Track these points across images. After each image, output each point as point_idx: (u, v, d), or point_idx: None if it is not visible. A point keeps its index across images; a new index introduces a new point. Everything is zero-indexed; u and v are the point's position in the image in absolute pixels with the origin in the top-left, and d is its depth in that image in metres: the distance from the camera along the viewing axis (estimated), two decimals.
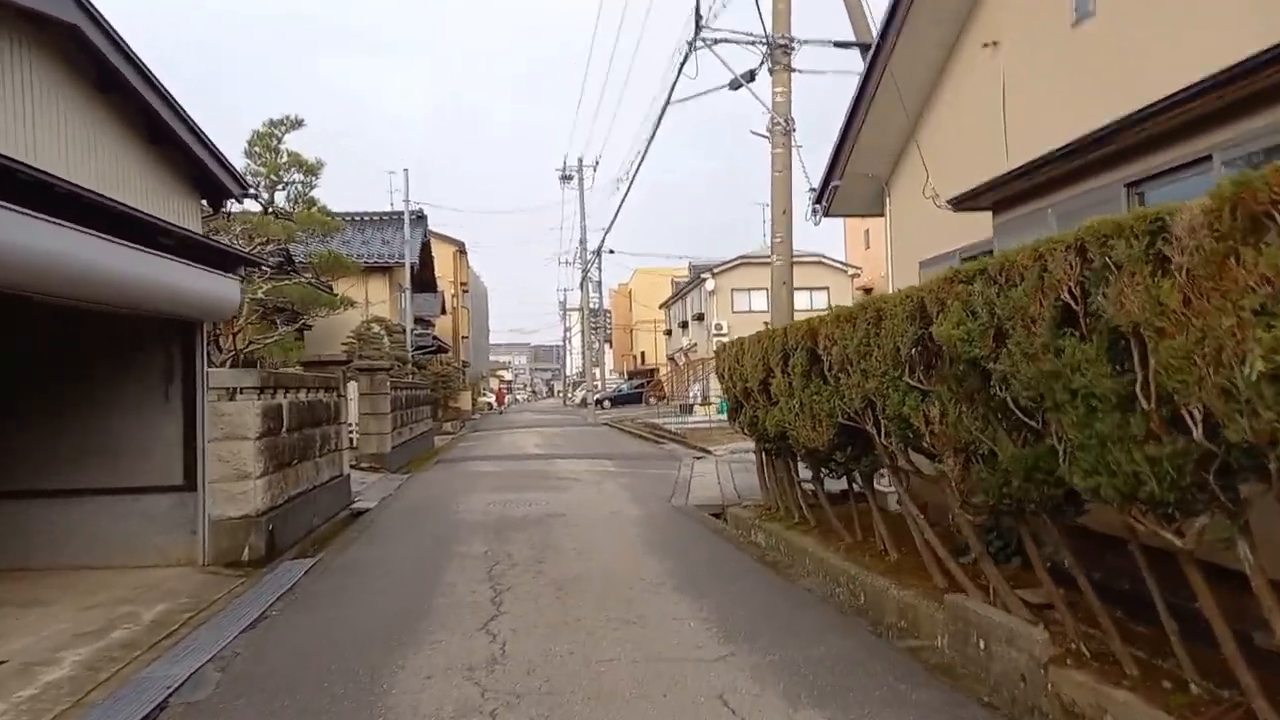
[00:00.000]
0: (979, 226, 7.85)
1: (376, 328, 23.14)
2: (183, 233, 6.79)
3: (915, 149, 9.42)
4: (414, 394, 20.90)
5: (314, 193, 11.89)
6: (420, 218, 28.74)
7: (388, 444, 16.23)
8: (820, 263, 43.40)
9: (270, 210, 11.74)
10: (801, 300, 43.35)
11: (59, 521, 7.53)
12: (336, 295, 12.41)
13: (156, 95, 8.09)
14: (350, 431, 17.77)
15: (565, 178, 40.90)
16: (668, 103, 14.77)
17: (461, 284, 49.39)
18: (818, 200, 10.69)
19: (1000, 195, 7.13)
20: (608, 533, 9.29)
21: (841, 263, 44.47)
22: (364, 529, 10.06)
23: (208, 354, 8.08)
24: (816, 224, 11.01)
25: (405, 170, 24.67)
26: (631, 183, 23.43)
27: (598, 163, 47.93)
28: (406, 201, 24.47)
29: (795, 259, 41.92)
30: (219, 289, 7.63)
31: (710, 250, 59.29)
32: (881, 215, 10.50)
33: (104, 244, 5.84)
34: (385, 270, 26.18)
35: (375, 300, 25.61)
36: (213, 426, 7.84)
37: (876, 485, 8.87)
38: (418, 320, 33.69)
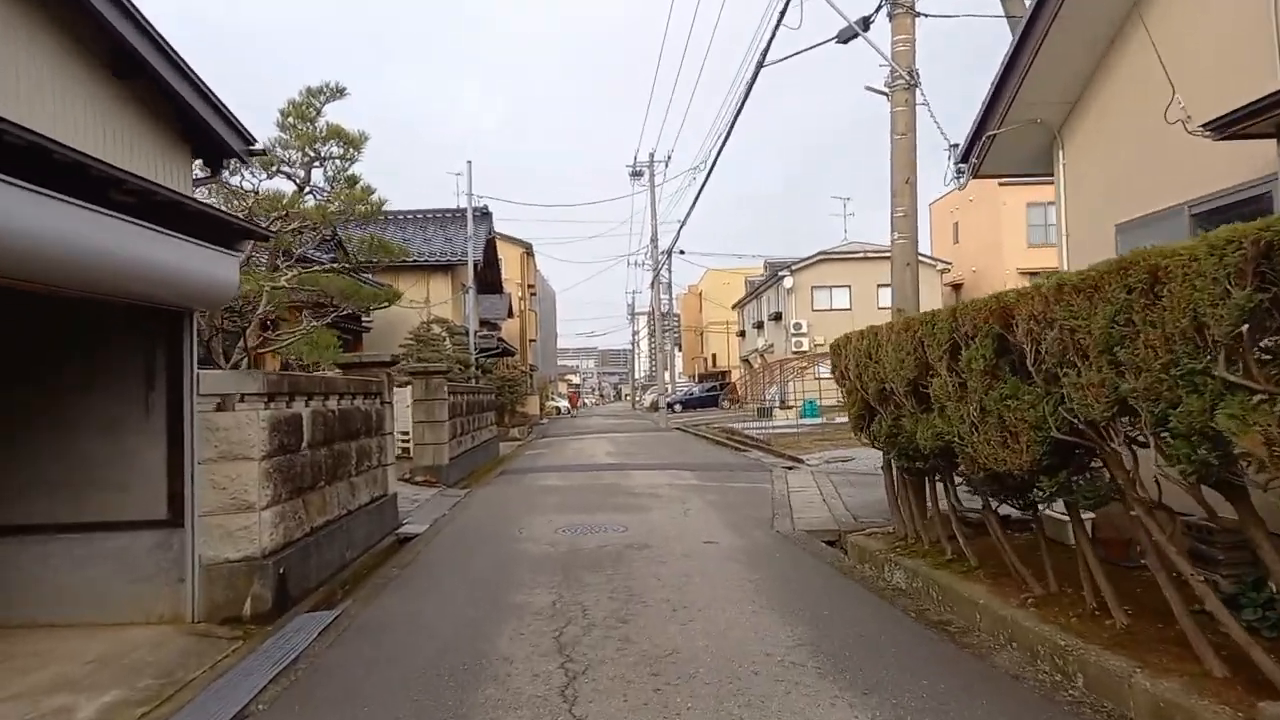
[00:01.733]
0: (1222, 167, 5.71)
1: (437, 329, 21.60)
2: (149, 188, 5.05)
3: (1106, 83, 7.24)
4: (476, 399, 19.24)
5: (356, 169, 10.16)
6: (485, 214, 27.20)
7: (445, 455, 14.54)
8: None
9: (304, 189, 10.09)
10: (885, 297, 40.91)
11: (6, 567, 5.86)
12: (383, 288, 10.71)
13: (117, 9, 6.36)
14: (404, 442, 16.18)
15: (635, 174, 39.03)
16: (761, 63, 12.70)
17: (529, 286, 48.02)
18: (963, 159, 8.56)
19: None
20: (706, 575, 7.31)
21: (929, 257, 41.67)
22: (405, 564, 8.26)
23: (202, 352, 6.34)
24: (961, 187, 8.89)
25: (469, 163, 23.19)
26: (713, 166, 21.75)
27: (669, 158, 46.03)
28: (470, 195, 22.90)
29: (875, 253, 39.45)
30: (211, 268, 5.90)
31: (783, 250, 56.99)
32: (1046, 176, 8.31)
33: (35, 197, 4.12)
34: (447, 269, 24.65)
35: (437, 301, 24.11)
36: (205, 444, 6.10)
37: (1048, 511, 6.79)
38: (484, 323, 32.26)
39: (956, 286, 43.67)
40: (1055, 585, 5.92)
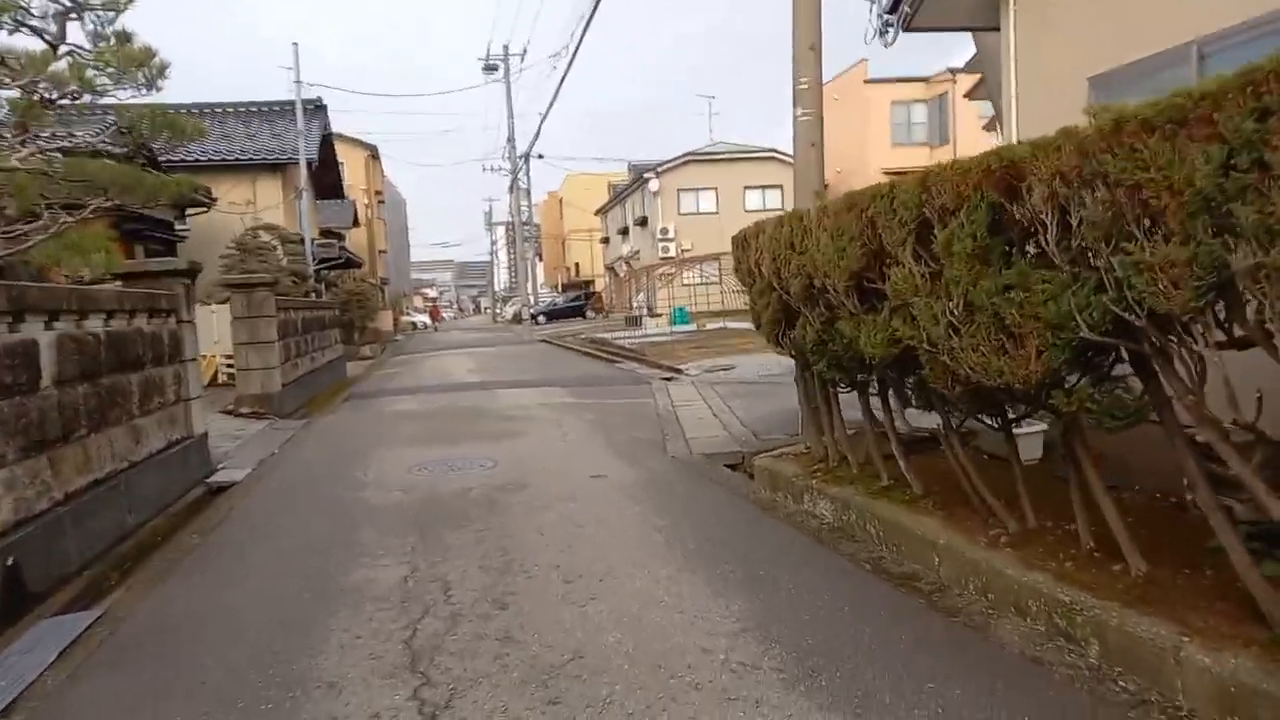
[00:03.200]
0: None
1: (266, 236, 18.95)
2: None
3: None
4: (316, 315, 16.96)
5: (130, 23, 7.77)
6: (319, 108, 24.09)
7: (276, 381, 12.44)
8: (773, 158, 39.79)
9: (56, 47, 7.64)
10: (752, 200, 40.06)
11: None
12: (171, 178, 8.46)
13: None
14: (229, 368, 13.92)
15: (489, 68, 35.99)
16: None
17: (376, 193, 44.56)
18: (891, 8, 7.12)
19: None
20: (602, 522, 5.86)
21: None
22: (211, 528, 6.43)
23: None
24: (889, 43, 7.46)
25: (295, 45, 20.07)
26: (576, 50, 19.55)
27: (525, 50, 42.51)
28: (298, 83, 19.92)
29: (742, 154, 38.27)
30: None
31: (647, 155, 55.10)
32: (992, 27, 6.97)
33: None
34: (276, 169, 21.66)
35: (266, 206, 21.24)
36: None
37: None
38: (327, 233, 29.30)
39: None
40: (1034, 519, 4.80)
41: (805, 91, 9.11)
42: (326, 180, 27.79)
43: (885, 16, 7.21)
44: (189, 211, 19.86)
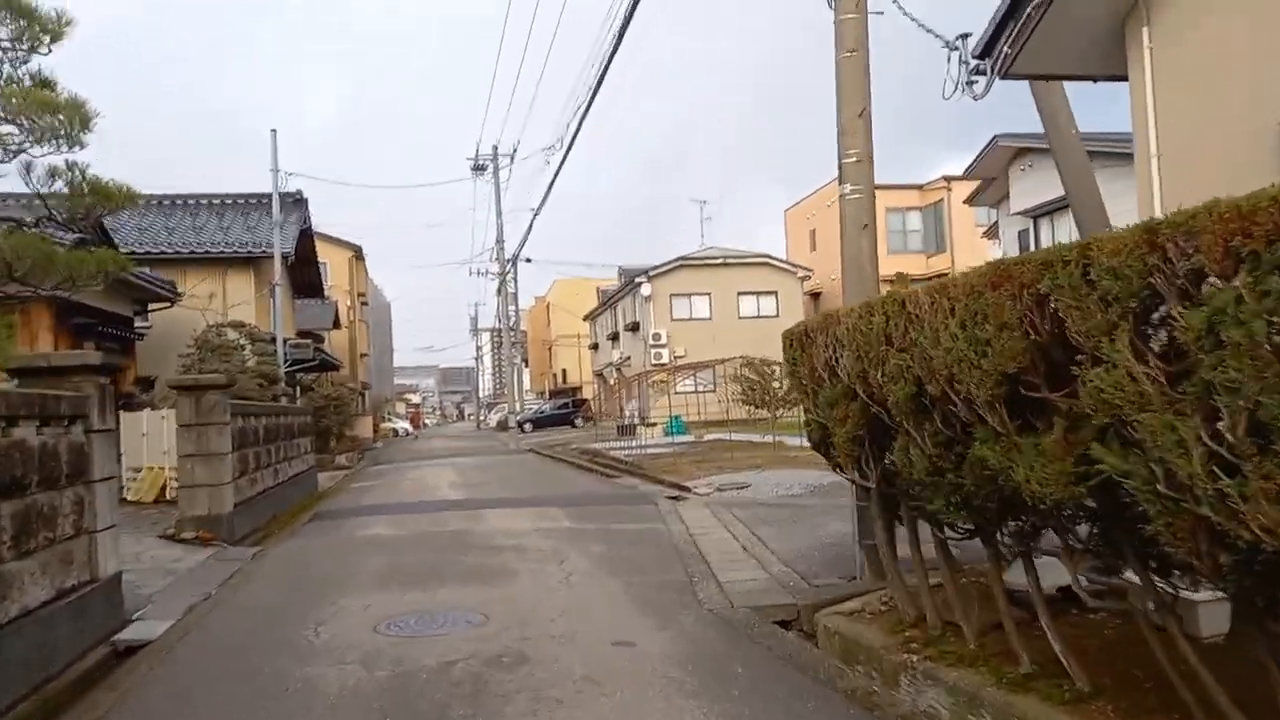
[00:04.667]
0: None
1: (233, 334, 17.38)
2: None
3: None
4: (282, 422, 15.25)
5: (50, 68, 6.39)
6: (298, 201, 22.93)
7: (226, 500, 10.64)
8: (767, 263, 39.10)
9: None
10: (746, 306, 39.06)
11: None
12: (95, 253, 6.90)
13: None
14: (175, 480, 12.15)
15: (478, 168, 35.35)
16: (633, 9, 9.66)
17: (359, 295, 43.38)
18: (983, 52, 5.83)
19: None
20: None
21: (790, 264, 40.19)
22: None
23: None
24: (980, 95, 6.09)
25: (273, 132, 18.98)
26: (572, 142, 18.66)
27: (515, 150, 42.01)
28: (275, 171, 18.72)
29: (736, 259, 37.36)
30: None
31: (638, 259, 54.58)
32: (1112, 76, 5.68)
33: None
34: (249, 263, 20.26)
35: (237, 302, 19.77)
36: None
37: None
38: (305, 334, 27.81)
39: (815, 295, 42.44)
40: None
41: (855, 166, 7.81)
42: (305, 278, 26.47)
43: (975, 63, 5.91)
44: (151, 307, 18.36)
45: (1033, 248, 22.08)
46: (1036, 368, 3.61)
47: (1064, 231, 20.92)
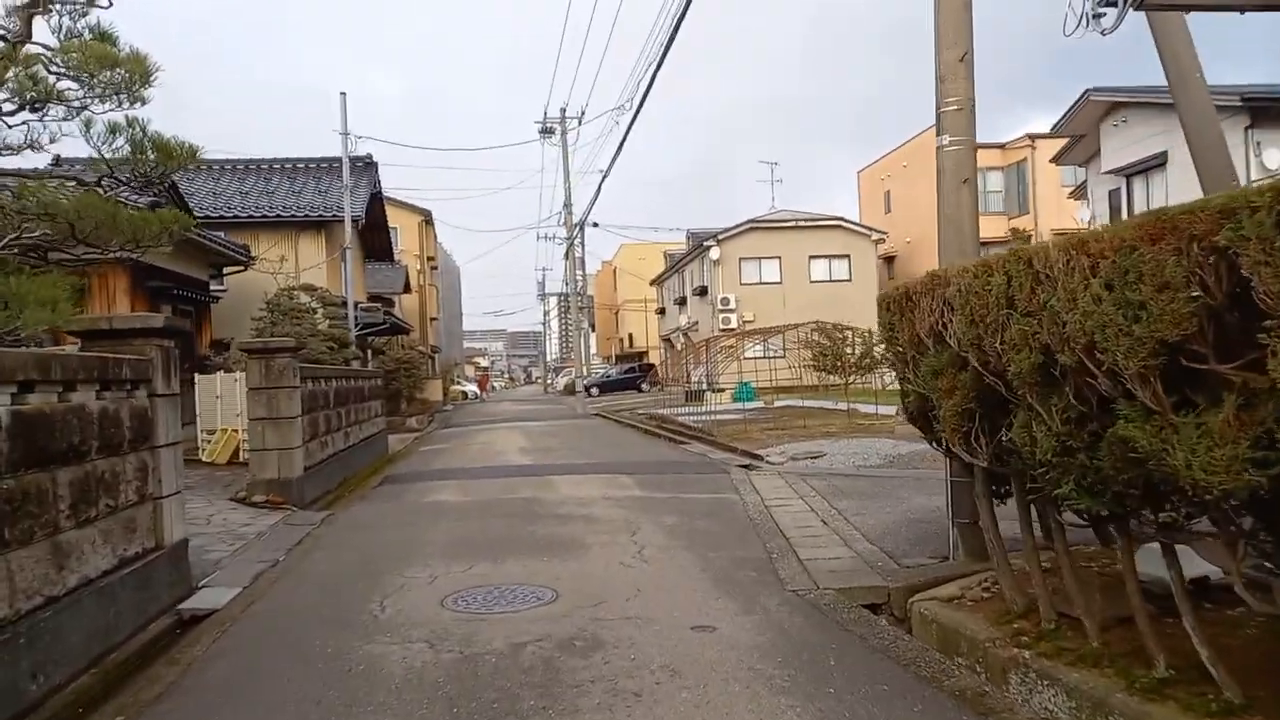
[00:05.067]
0: None
1: (305, 298, 17.40)
2: None
3: None
4: (353, 386, 15.22)
5: (109, 22, 6.14)
6: (368, 164, 22.87)
7: (296, 464, 10.57)
8: (840, 226, 38.00)
9: (17, 43, 6.04)
10: (818, 270, 38.06)
11: None
12: (158, 213, 6.71)
13: None
14: (241, 443, 12.17)
15: (545, 130, 34.86)
16: None
17: (429, 259, 43.60)
18: None
19: None
20: None
21: (863, 226, 38.99)
22: (146, 702, 4.45)
23: None
24: (1109, 29, 5.38)
25: (343, 95, 18.82)
26: (643, 101, 17.84)
27: (583, 113, 41.37)
28: (344, 135, 18.61)
29: (807, 222, 36.40)
30: None
31: (707, 221, 53.82)
32: (1267, 3, 4.99)
33: None
34: (321, 227, 20.31)
35: (308, 265, 19.84)
36: None
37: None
38: (376, 297, 27.98)
39: (889, 259, 41.20)
40: None
41: (955, 115, 7.15)
42: (376, 242, 26.54)
43: None
44: (226, 270, 18.52)
45: (1124, 209, 20.85)
46: (1204, 335, 3.06)
47: (1160, 192, 19.68)
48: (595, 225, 39.11)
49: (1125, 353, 3.28)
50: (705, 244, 38.04)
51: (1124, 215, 19.53)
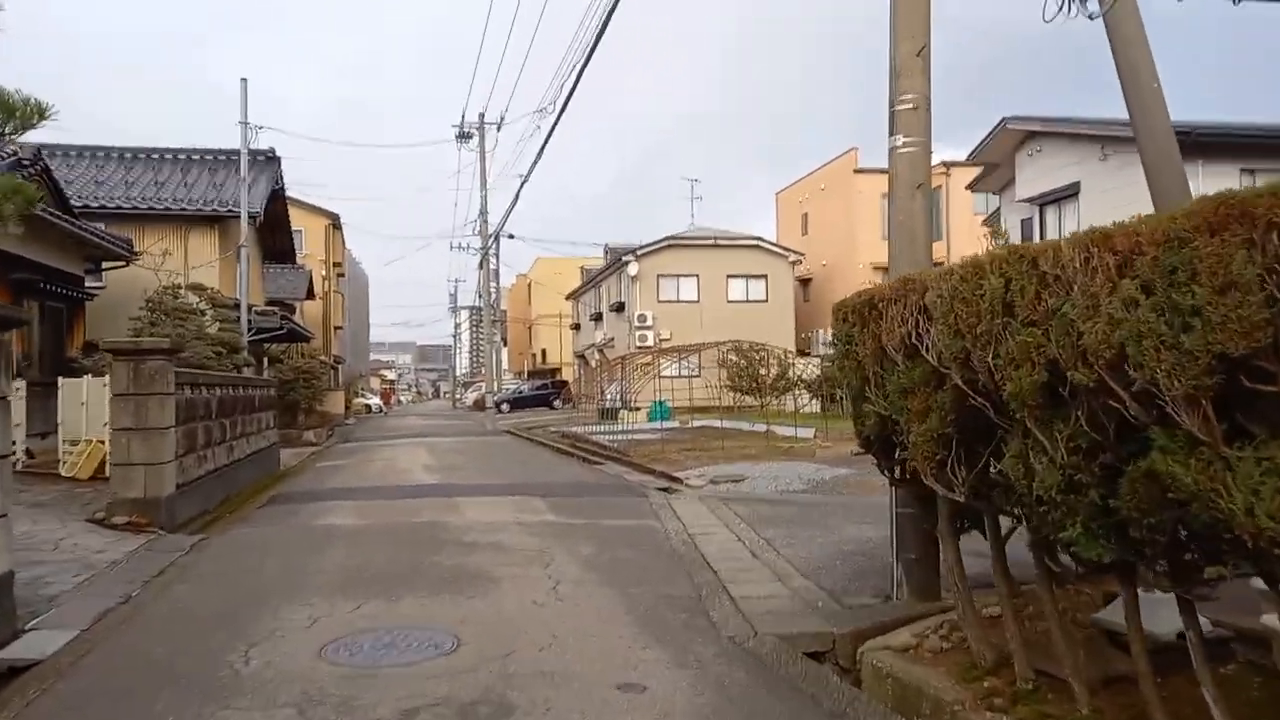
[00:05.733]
0: None
1: (193, 298, 16.02)
2: None
3: None
4: (242, 395, 13.95)
5: None
6: (270, 159, 21.45)
7: (167, 481, 9.37)
8: (758, 246, 37.94)
9: None
10: (735, 289, 37.86)
11: None
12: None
13: None
14: (107, 455, 10.86)
15: (463, 135, 33.76)
16: None
17: (335, 265, 41.82)
18: None
19: None
20: None
21: (782, 247, 39.03)
22: None
23: None
24: (1095, 15, 4.89)
25: (243, 80, 17.48)
26: (564, 106, 17.05)
27: (501, 120, 39.95)
28: (244, 124, 17.26)
29: (726, 241, 36.11)
30: None
31: (625, 237, 53.28)
32: None
33: None
34: (214, 223, 18.83)
35: (200, 263, 18.37)
36: None
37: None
38: (277, 303, 26.40)
39: (805, 281, 41.36)
40: None
41: (910, 114, 6.62)
42: (277, 244, 25.01)
43: None
44: (105, 265, 16.96)
45: (1036, 238, 21.12)
46: (1278, 347, 2.48)
47: (1071, 221, 19.97)
48: (511, 237, 38.30)
49: (1169, 370, 2.67)
50: (624, 259, 37.46)
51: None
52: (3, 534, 5.40)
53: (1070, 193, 20.10)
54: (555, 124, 20.96)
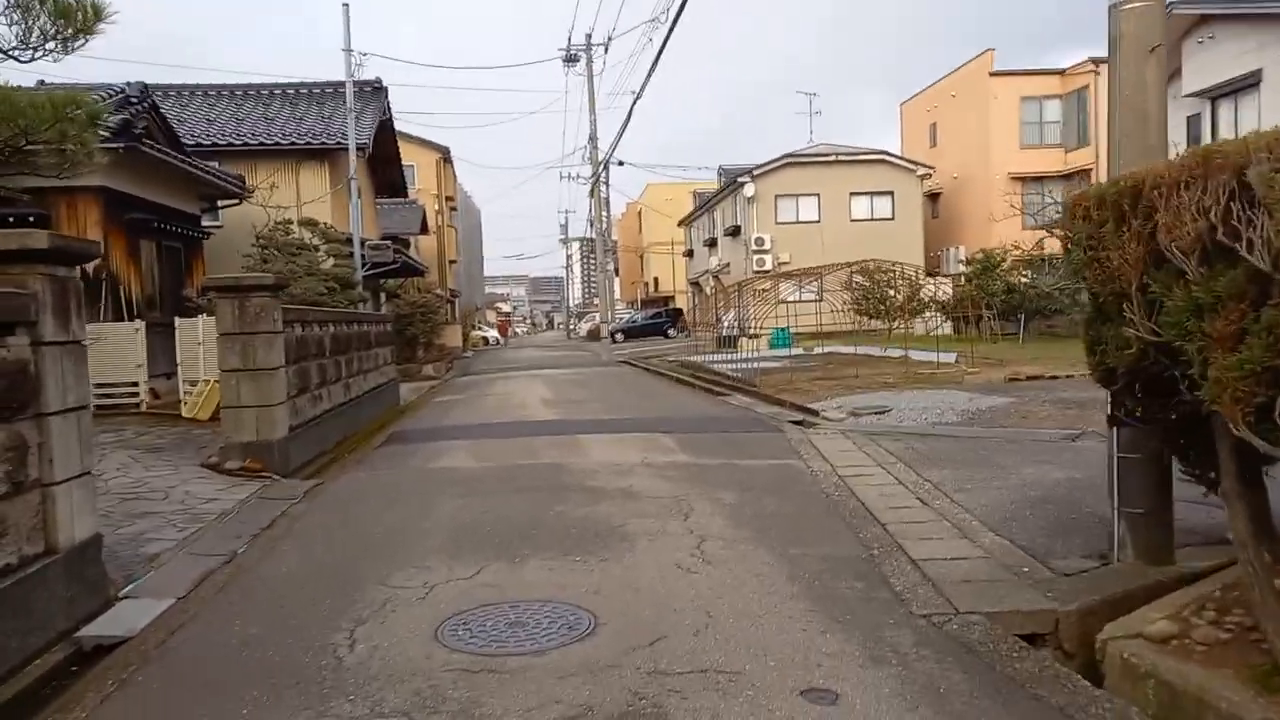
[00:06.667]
0: None
1: (305, 234, 15.66)
2: None
3: None
4: (357, 331, 13.54)
5: None
6: (376, 89, 20.89)
7: (278, 424, 8.91)
8: (883, 160, 35.56)
9: None
10: (859, 207, 35.71)
11: None
12: (58, 91, 4.88)
13: None
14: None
15: (569, 59, 32.58)
16: None
17: (448, 199, 41.64)
18: None
19: None
20: None
21: (908, 160, 36.51)
22: None
23: None
24: None
25: (345, 5, 16.82)
26: (678, 16, 15.71)
27: (609, 40, 38.20)
28: (348, 51, 16.65)
29: (847, 156, 33.87)
30: None
31: (740, 158, 51.13)
32: None
33: None
34: (324, 157, 18.43)
35: (310, 199, 18.05)
36: None
37: None
38: (391, 238, 26.20)
39: (933, 196, 38.72)
40: None
41: None
42: (387, 177, 24.66)
43: None
44: (220, 204, 16.79)
45: (1206, 138, 18.66)
46: None
47: (1251, 115, 17.46)
48: (621, 164, 37.05)
49: None
50: (739, 180, 35.77)
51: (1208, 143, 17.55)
52: (83, 496, 4.82)
53: (1249, 83, 17.62)
54: (668, 36, 19.58)
